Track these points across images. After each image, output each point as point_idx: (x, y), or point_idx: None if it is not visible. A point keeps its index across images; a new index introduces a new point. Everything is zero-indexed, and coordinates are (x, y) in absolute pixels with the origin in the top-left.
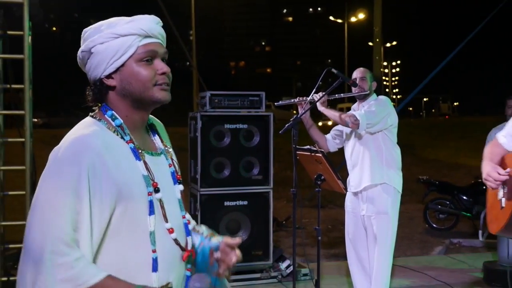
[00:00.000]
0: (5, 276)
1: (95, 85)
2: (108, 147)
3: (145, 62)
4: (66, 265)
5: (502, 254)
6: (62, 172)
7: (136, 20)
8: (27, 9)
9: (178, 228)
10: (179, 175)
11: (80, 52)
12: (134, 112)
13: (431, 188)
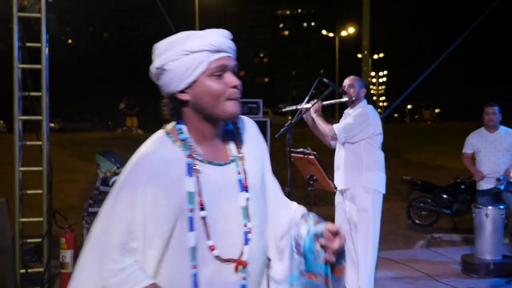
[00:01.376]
0: (23, 269)
1: (170, 99)
2: (167, 165)
3: (217, 77)
4: (112, 272)
5: (479, 248)
6: (123, 186)
7: (207, 36)
8: (44, 23)
9: (228, 242)
10: (247, 183)
11: (153, 69)
12: (205, 125)
13: (414, 187)
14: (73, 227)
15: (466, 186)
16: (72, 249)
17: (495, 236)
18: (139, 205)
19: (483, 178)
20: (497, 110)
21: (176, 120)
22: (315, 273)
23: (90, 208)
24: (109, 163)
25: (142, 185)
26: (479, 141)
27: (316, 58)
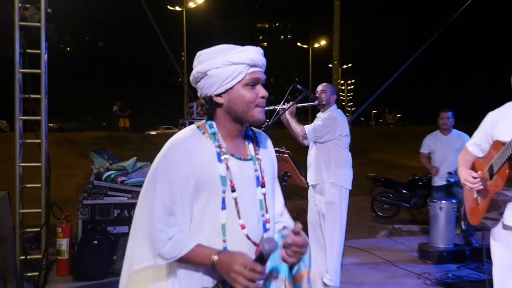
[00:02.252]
0: (23, 255)
1: (205, 100)
2: (197, 149)
3: (250, 87)
4: (162, 241)
5: (433, 237)
6: (159, 167)
7: (246, 51)
8: (43, 32)
9: (253, 225)
10: (264, 180)
11: (196, 72)
12: (233, 125)
13: (377, 183)
14: (68, 218)
15: (423, 183)
16: (68, 237)
17: (448, 227)
18: (173, 182)
19: (438, 172)
20: (451, 115)
21: (207, 118)
22: (273, 274)
23: (85, 200)
24: (102, 160)
25: (175, 165)
26: (435, 142)
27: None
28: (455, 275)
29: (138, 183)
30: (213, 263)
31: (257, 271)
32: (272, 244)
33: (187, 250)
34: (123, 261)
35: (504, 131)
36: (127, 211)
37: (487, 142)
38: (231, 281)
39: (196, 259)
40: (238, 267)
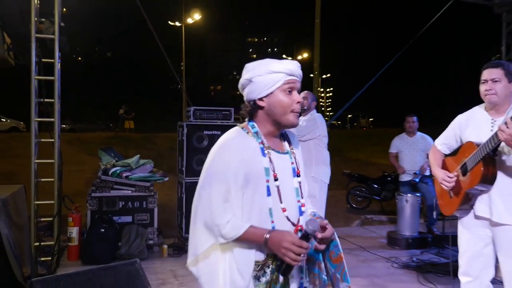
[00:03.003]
0: (37, 242)
1: (249, 103)
2: (244, 146)
3: (287, 93)
4: (221, 225)
5: (400, 226)
6: (213, 163)
7: (285, 63)
8: (57, 43)
9: (292, 209)
10: (299, 170)
11: (243, 80)
12: (271, 125)
13: (352, 179)
14: (78, 208)
15: (392, 178)
16: (78, 226)
17: (413, 217)
18: (227, 175)
19: (404, 172)
20: (415, 120)
21: (248, 121)
22: (310, 257)
23: (93, 193)
24: (109, 157)
25: (227, 161)
26: (401, 143)
27: None
28: (419, 259)
29: (140, 178)
30: (266, 240)
31: (304, 247)
32: (314, 225)
33: (243, 230)
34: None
35: (473, 134)
36: (130, 202)
37: (455, 141)
38: (281, 255)
39: (251, 237)
40: (287, 244)
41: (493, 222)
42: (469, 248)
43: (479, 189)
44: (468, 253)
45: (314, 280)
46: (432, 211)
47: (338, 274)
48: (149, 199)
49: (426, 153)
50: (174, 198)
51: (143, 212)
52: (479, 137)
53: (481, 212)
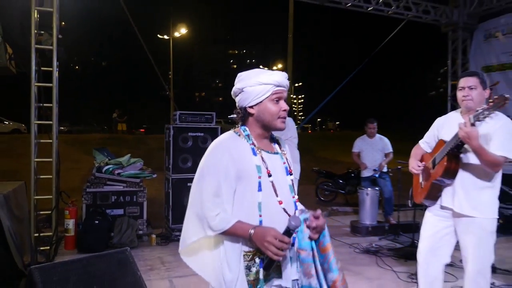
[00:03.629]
0: (37, 233)
1: (241, 110)
2: (235, 146)
3: (275, 102)
4: (211, 217)
5: (361, 216)
6: (207, 161)
7: (274, 75)
8: (55, 53)
9: (288, 203)
10: (291, 169)
11: (235, 88)
12: (261, 130)
13: (320, 175)
14: (74, 202)
15: (355, 174)
16: (74, 218)
17: (372, 208)
18: (219, 172)
19: (365, 168)
20: (375, 123)
21: (240, 126)
22: (304, 249)
23: (88, 189)
24: (103, 156)
25: (219, 159)
26: (363, 144)
27: None
28: (377, 245)
29: (131, 175)
30: (250, 235)
31: (285, 242)
32: (297, 221)
33: (230, 225)
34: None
35: (448, 133)
36: (122, 197)
37: (434, 141)
38: (264, 249)
39: (237, 232)
40: (270, 238)
41: (455, 212)
42: (431, 233)
43: (443, 181)
44: (430, 238)
45: (309, 271)
46: (389, 203)
47: (325, 265)
48: (139, 193)
49: (384, 153)
50: (162, 193)
51: (133, 206)
52: (450, 136)
53: (445, 203)
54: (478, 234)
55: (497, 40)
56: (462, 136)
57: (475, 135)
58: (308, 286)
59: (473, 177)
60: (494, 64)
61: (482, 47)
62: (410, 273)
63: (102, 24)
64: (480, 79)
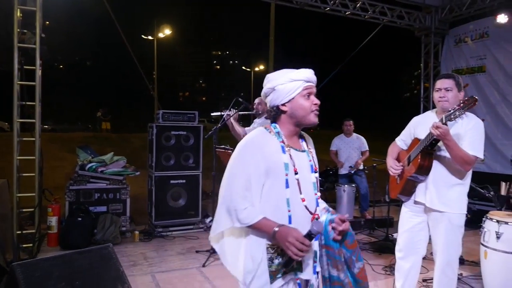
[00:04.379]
0: (19, 230)
1: (273, 109)
2: (266, 143)
3: (306, 97)
4: (239, 210)
5: (339, 211)
6: (238, 157)
7: (302, 72)
8: (38, 52)
9: (310, 200)
10: (316, 167)
11: (266, 89)
12: (293, 127)
13: None
14: (57, 200)
15: (333, 172)
16: (57, 216)
17: (349, 204)
18: (249, 167)
19: (342, 166)
20: (352, 123)
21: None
22: (329, 246)
23: (71, 186)
24: (86, 154)
25: (250, 155)
26: (340, 142)
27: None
28: None
29: (114, 172)
30: (274, 232)
31: (306, 244)
32: (319, 227)
33: (257, 220)
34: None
35: (423, 132)
36: (105, 194)
37: (410, 139)
38: (285, 248)
39: (262, 227)
40: (291, 239)
41: (427, 207)
42: (408, 228)
43: (417, 177)
44: (407, 233)
45: (337, 265)
46: (365, 199)
47: (353, 257)
48: (122, 191)
49: (360, 151)
50: (146, 190)
51: (116, 203)
52: (425, 135)
53: (419, 198)
54: (447, 228)
55: (466, 45)
56: (436, 135)
57: (447, 133)
58: (337, 276)
59: (445, 175)
60: (464, 68)
61: (453, 51)
62: (384, 265)
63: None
64: (456, 81)
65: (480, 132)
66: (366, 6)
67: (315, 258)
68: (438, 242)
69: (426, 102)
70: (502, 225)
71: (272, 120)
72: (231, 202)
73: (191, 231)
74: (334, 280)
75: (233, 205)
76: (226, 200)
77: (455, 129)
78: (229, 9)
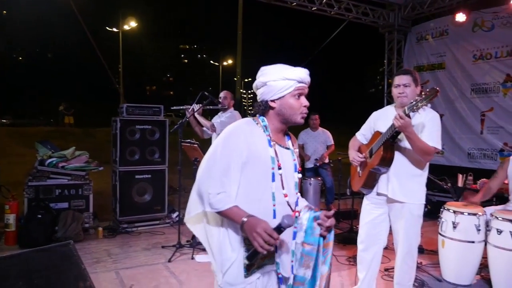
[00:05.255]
0: None
1: (262, 103)
2: (252, 132)
3: (296, 98)
4: (212, 194)
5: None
6: (223, 141)
7: (297, 71)
8: None
9: (292, 196)
10: (300, 167)
11: (258, 82)
12: (279, 124)
13: None
14: (15, 197)
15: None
16: (15, 213)
17: (315, 196)
18: (231, 152)
19: (309, 159)
20: (318, 117)
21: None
22: (310, 244)
23: (30, 182)
24: (45, 149)
25: (235, 142)
26: (306, 136)
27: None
28: None
29: (76, 168)
30: (243, 222)
31: (273, 237)
32: (290, 221)
33: (227, 207)
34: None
35: (383, 125)
36: (67, 190)
37: (370, 133)
38: (251, 239)
39: (232, 216)
40: (260, 229)
41: (389, 198)
42: (369, 220)
43: (379, 169)
44: (368, 224)
45: (308, 263)
46: (330, 192)
47: (322, 258)
48: (84, 186)
49: (326, 145)
50: (111, 186)
51: (79, 199)
52: (386, 128)
53: (381, 190)
54: (408, 218)
55: (427, 42)
56: (398, 127)
57: (409, 123)
58: (302, 276)
59: (406, 166)
60: (425, 64)
61: (415, 48)
62: (348, 256)
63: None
64: (413, 77)
65: (438, 124)
66: (332, 2)
67: (292, 257)
68: (399, 232)
69: (390, 98)
70: (458, 215)
71: (260, 114)
72: (206, 185)
73: (157, 227)
74: (297, 280)
75: (207, 188)
76: (202, 182)
77: (414, 122)
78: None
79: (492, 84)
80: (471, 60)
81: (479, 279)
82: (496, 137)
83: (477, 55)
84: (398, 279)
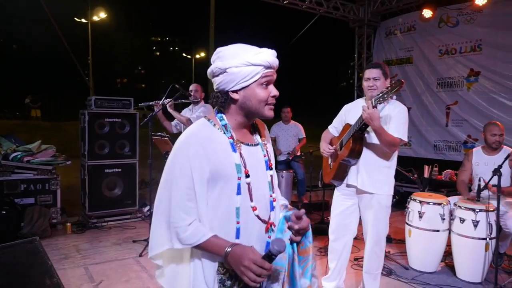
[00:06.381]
0: None
1: (220, 94)
2: (211, 139)
3: (264, 86)
4: (182, 227)
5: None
6: (176, 159)
7: (263, 53)
8: None
9: (263, 205)
10: (272, 163)
11: (215, 68)
12: (243, 118)
13: None
14: None
15: None
16: None
17: (287, 189)
18: (191, 171)
19: (280, 153)
20: (290, 110)
21: (216, 112)
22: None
23: None
24: (10, 143)
25: (191, 156)
26: (278, 129)
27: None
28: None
29: (42, 162)
30: (226, 254)
31: (265, 268)
32: (280, 246)
33: (205, 239)
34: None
35: (353, 118)
36: (33, 185)
37: (342, 126)
38: (240, 273)
39: (211, 248)
40: (248, 262)
41: (359, 189)
42: (340, 211)
43: (349, 161)
44: (339, 216)
45: (277, 275)
46: (302, 185)
47: (300, 269)
48: (51, 181)
49: (298, 138)
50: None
51: (46, 194)
52: (355, 120)
53: (351, 181)
54: (376, 209)
55: (396, 37)
56: (365, 118)
57: (376, 116)
58: None
59: (374, 158)
60: (393, 59)
61: (384, 43)
62: (319, 247)
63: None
64: (383, 71)
65: (405, 117)
66: None
67: None
68: (368, 223)
69: (360, 91)
70: (424, 205)
71: (218, 109)
72: (170, 219)
73: (128, 221)
74: None
75: (172, 222)
76: (164, 213)
77: (382, 114)
78: None
79: (456, 78)
80: (437, 55)
81: (444, 266)
82: (460, 130)
83: (443, 50)
84: (366, 268)
